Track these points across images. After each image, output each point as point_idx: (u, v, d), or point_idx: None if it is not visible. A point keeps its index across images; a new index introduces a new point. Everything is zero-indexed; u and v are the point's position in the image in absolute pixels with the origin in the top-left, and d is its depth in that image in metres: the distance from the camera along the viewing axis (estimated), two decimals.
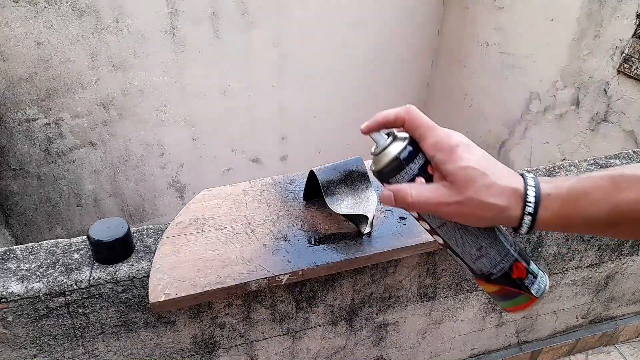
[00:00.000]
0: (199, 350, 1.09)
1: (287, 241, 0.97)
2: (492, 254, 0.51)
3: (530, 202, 0.46)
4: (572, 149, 2.08)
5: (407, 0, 2.71)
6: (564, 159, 2.14)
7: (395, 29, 2.78)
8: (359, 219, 1.00)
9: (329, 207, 0.99)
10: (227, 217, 1.03)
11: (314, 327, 1.18)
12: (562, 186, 0.46)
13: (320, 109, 2.94)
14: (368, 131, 0.51)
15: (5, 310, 0.86)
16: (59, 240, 0.98)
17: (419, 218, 0.54)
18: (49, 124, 2.30)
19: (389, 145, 0.51)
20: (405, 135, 0.51)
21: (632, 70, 1.73)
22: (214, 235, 0.98)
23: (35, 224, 2.52)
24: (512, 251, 0.52)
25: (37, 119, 2.26)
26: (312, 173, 1.03)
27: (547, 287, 0.54)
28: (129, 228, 0.94)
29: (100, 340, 0.98)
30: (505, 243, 0.52)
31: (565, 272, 1.42)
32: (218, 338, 1.08)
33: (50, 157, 2.38)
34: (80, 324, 0.94)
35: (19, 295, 0.86)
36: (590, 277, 1.49)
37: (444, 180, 0.48)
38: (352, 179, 1.06)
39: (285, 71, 2.70)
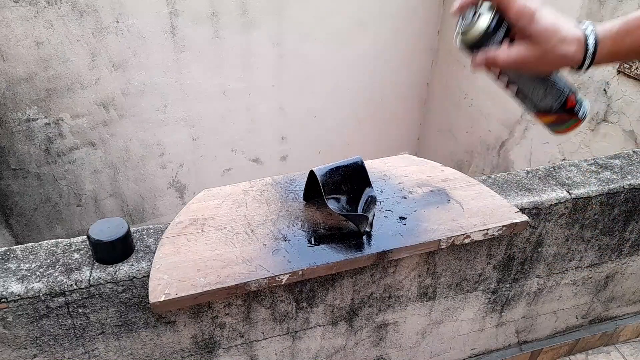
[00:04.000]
0: (199, 350, 1.09)
1: (287, 241, 0.97)
2: (554, 92, 0.67)
3: (589, 47, 0.59)
4: (572, 149, 2.08)
5: (407, 0, 2.71)
6: (564, 159, 2.14)
7: (395, 29, 2.78)
8: (359, 219, 1.00)
9: (329, 207, 0.99)
10: (227, 217, 1.03)
11: (314, 327, 1.18)
12: (613, 29, 0.61)
13: (320, 109, 2.94)
14: (461, 10, 0.62)
15: (5, 310, 0.86)
16: (59, 240, 0.98)
17: (499, 75, 0.66)
18: (49, 124, 2.30)
19: (478, 19, 0.60)
20: (487, 6, 0.60)
21: (632, 70, 1.73)
22: (214, 235, 0.98)
23: (35, 224, 2.52)
24: (566, 88, 0.67)
25: (37, 119, 2.26)
26: (312, 173, 1.03)
27: (588, 110, 0.70)
28: (129, 228, 0.94)
29: (100, 340, 0.98)
30: (561, 82, 0.67)
31: (565, 272, 1.43)
32: (218, 338, 1.08)
33: (50, 157, 2.38)
34: (80, 323, 0.94)
35: (19, 295, 0.86)
36: (590, 277, 1.49)
37: (526, 40, 0.59)
38: (352, 179, 1.06)
39: (285, 71, 2.70)
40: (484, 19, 0.60)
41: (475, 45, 0.62)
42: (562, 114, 0.69)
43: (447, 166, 1.24)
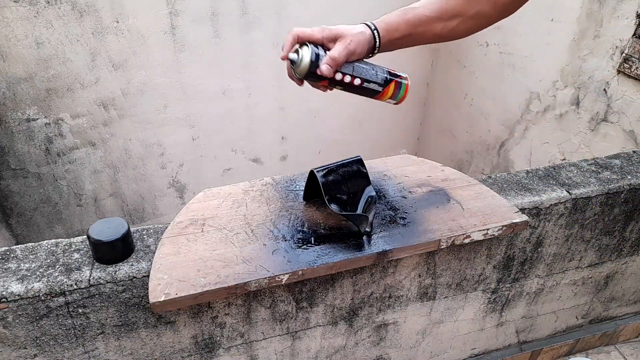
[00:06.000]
0: (199, 350, 1.09)
1: (287, 241, 0.97)
2: (378, 67, 0.90)
3: (375, 32, 0.86)
4: (572, 149, 2.08)
5: (407, 1, 2.70)
6: (564, 159, 2.14)
7: None
8: (359, 219, 1.00)
9: (329, 207, 0.99)
10: (227, 217, 1.03)
11: (314, 327, 1.18)
12: (386, 26, 0.87)
13: (320, 109, 2.94)
14: (286, 58, 0.84)
15: (5, 310, 0.86)
16: (59, 240, 0.98)
17: (342, 77, 0.85)
18: (49, 124, 2.30)
19: (302, 57, 0.82)
20: (301, 45, 0.83)
21: (632, 70, 1.73)
22: (214, 235, 0.98)
23: (35, 224, 2.52)
24: (381, 65, 0.91)
25: (37, 119, 2.26)
26: (312, 173, 1.03)
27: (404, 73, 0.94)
28: (129, 228, 0.94)
29: (100, 340, 0.98)
30: (375, 64, 0.90)
31: (565, 272, 1.43)
32: (218, 338, 1.08)
33: (50, 157, 2.38)
34: (80, 323, 0.94)
35: (19, 295, 0.86)
36: (590, 277, 1.49)
37: (339, 39, 0.83)
38: (352, 178, 1.06)
39: (285, 71, 2.70)
40: (306, 53, 0.81)
41: (312, 72, 0.82)
42: (393, 79, 0.91)
43: (447, 166, 1.24)
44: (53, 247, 0.96)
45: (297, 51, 0.83)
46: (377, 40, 0.86)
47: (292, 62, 0.83)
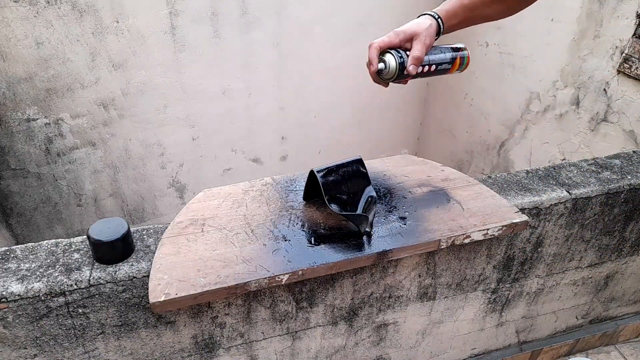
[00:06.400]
0: (199, 350, 1.09)
1: (287, 241, 0.97)
2: (444, 49, 0.99)
3: (438, 19, 0.94)
4: (572, 149, 2.08)
5: (407, 0, 2.71)
6: (564, 159, 2.14)
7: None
8: (359, 219, 1.00)
9: (329, 207, 0.99)
10: (227, 217, 1.03)
11: (314, 327, 1.18)
12: (447, 14, 0.95)
13: (320, 109, 2.94)
14: (377, 68, 0.93)
15: (5, 310, 0.86)
16: (59, 240, 0.98)
17: (422, 69, 0.94)
18: (49, 124, 2.30)
19: (389, 64, 0.92)
20: (384, 53, 0.93)
21: (632, 70, 1.73)
22: (214, 235, 0.98)
23: (35, 224, 2.52)
24: (445, 45, 1.00)
25: (37, 119, 2.26)
26: (312, 173, 1.03)
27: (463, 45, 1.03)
28: (129, 228, 0.94)
29: (100, 340, 0.98)
30: (441, 46, 1.00)
31: (565, 272, 1.43)
32: (218, 338, 1.08)
33: (50, 157, 2.38)
34: (80, 323, 0.94)
35: (19, 295, 0.86)
36: (590, 277, 1.49)
37: (414, 39, 0.92)
38: (352, 179, 1.06)
39: (285, 71, 2.70)
40: (392, 60, 0.91)
41: (401, 74, 0.92)
42: (457, 55, 1.00)
43: (447, 166, 1.24)
44: (53, 247, 0.96)
45: (382, 60, 0.92)
46: (442, 27, 0.95)
47: (380, 71, 0.92)
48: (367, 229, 0.98)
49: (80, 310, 0.92)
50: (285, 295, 1.07)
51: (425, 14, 0.96)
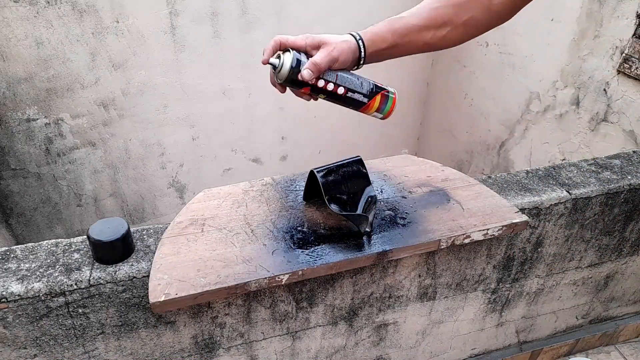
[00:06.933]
0: (199, 350, 1.09)
1: (287, 241, 0.97)
2: (364, 79, 0.88)
3: (360, 43, 0.84)
4: (572, 149, 2.08)
5: (407, 0, 2.70)
6: (563, 159, 2.14)
7: None
8: (359, 219, 1.00)
9: (329, 207, 0.99)
10: (227, 217, 1.03)
11: (314, 327, 1.18)
12: (372, 37, 0.84)
13: (320, 109, 2.94)
14: (266, 60, 0.83)
15: (5, 310, 0.86)
16: (59, 240, 0.98)
17: (325, 85, 0.84)
18: (49, 124, 2.30)
19: (283, 62, 0.81)
20: (284, 51, 0.82)
21: (632, 70, 1.73)
22: (214, 235, 0.98)
23: (35, 224, 2.52)
24: (367, 78, 0.89)
25: (37, 119, 2.26)
26: (312, 173, 1.03)
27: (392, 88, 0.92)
28: (129, 228, 0.94)
29: (100, 340, 0.98)
30: (361, 76, 0.89)
31: (565, 272, 1.43)
32: (218, 338, 1.08)
33: (50, 157, 2.38)
34: (80, 324, 0.94)
35: (19, 295, 0.86)
36: (590, 277, 1.49)
37: (322, 47, 0.82)
38: (352, 179, 1.06)
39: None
40: (288, 59, 0.80)
41: (293, 78, 0.81)
42: (380, 91, 0.89)
43: (447, 166, 1.24)
44: (53, 247, 0.96)
45: (279, 57, 0.82)
46: (362, 51, 0.84)
47: (274, 67, 0.82)
48: (367, 229, 0.98)
49: (80, 310, 0.92)
50: (285, 295, 1.07)
51: (348, 33, 0.85)
